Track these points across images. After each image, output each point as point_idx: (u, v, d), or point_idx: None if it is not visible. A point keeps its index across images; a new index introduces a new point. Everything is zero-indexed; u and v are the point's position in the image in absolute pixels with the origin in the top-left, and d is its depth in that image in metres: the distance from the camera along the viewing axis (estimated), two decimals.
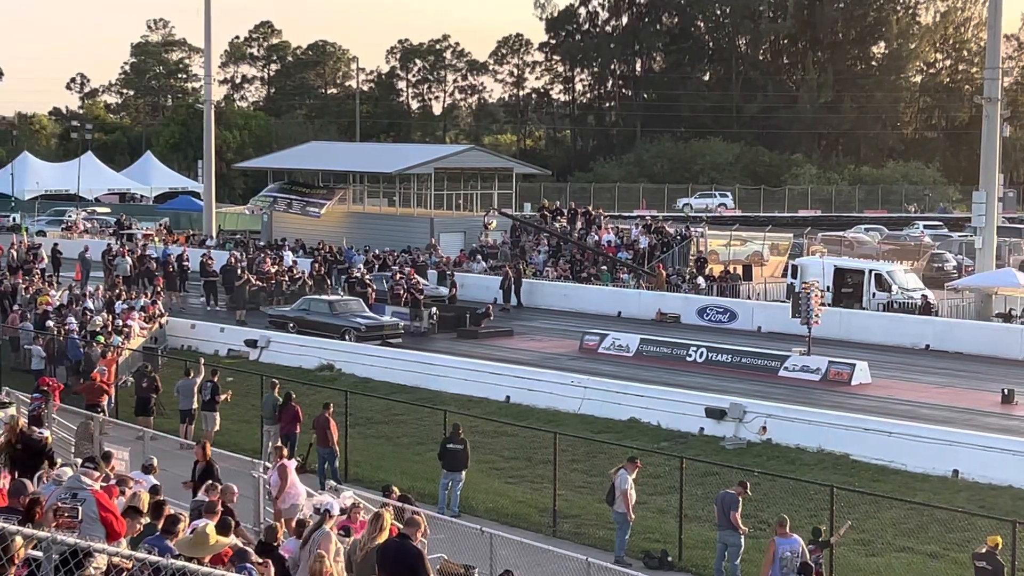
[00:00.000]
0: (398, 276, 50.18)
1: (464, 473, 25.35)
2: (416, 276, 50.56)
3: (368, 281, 49.64)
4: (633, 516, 22.51)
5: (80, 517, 11.07)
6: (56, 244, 60.40)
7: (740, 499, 21.31)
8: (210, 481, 17.03)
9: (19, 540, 8.42)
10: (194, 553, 11.01)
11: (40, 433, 19.20)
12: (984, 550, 18.68)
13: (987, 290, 48.22)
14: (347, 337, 42.35)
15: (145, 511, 13.30)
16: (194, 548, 11.26)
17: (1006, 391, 34.44)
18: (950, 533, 22.99)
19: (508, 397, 35.22)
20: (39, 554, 8.23)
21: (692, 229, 62.09)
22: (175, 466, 23.93)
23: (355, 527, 16.84)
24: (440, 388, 36.17)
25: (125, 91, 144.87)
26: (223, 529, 12.90)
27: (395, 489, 20.60)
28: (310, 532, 15.59)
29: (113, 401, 32.04)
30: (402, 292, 47.61)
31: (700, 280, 53.54)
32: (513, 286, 53.07)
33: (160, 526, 12.71)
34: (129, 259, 54.43)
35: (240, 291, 49.52)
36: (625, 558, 22.33)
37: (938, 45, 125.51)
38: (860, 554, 22.46)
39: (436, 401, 33.21)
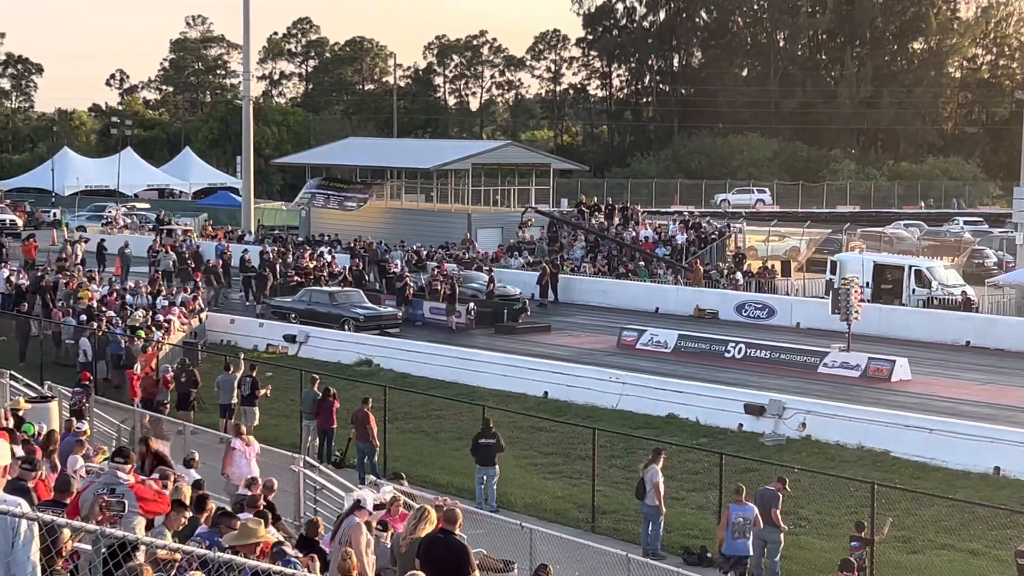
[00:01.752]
0: (436, 272, 50.28)
1: (497, 467, 25.36)
2: (446, 270, 50.56)
3: (407, 276, 49.79)
4: (664, 509, 22.50)
5: (124, 511, 11.14)
6: (102, 240, 60.78)
7: (780, 495, 21.24)
8: (161, 467, 16.54)
9: (67, 533, 8.49)
10: (241, 546, 11.08)
11: (78, 427, 19.42)
12: None
13: None
14: (346, 327, 43.43)
15: (188, 505, 13.37)
16: (240, 542, 11.33)
17: None
18: (992, 531, 22.86)
19: (546, 393, 35.23)
20: (86, 547, 8.30)
21: (731, 225, 61.91)
22: (215, 460, 24.06)
23: (394, 521, 16.87)
24: (478, 383, 36.20)
25: (164, 87, 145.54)
26: (263, 523, 12.97)
27: (403, 475, 20.79)
28: (339, 522, 15.63)
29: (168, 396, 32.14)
30: (439, 287, 47.71)
31: (739, 275, 53.39)
32: (550, 282, 53.04)
33: (205, 519, 12.77)
34: (173, 254, 54.81)
35: (260, 287, 49.98)
36: (660, 550, 22.33)
37: (978, 40, 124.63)
38: (901, 551, 22.35)
39: (474, 396, 33.23)
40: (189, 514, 13.26)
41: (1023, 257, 49.73)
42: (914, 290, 48.43)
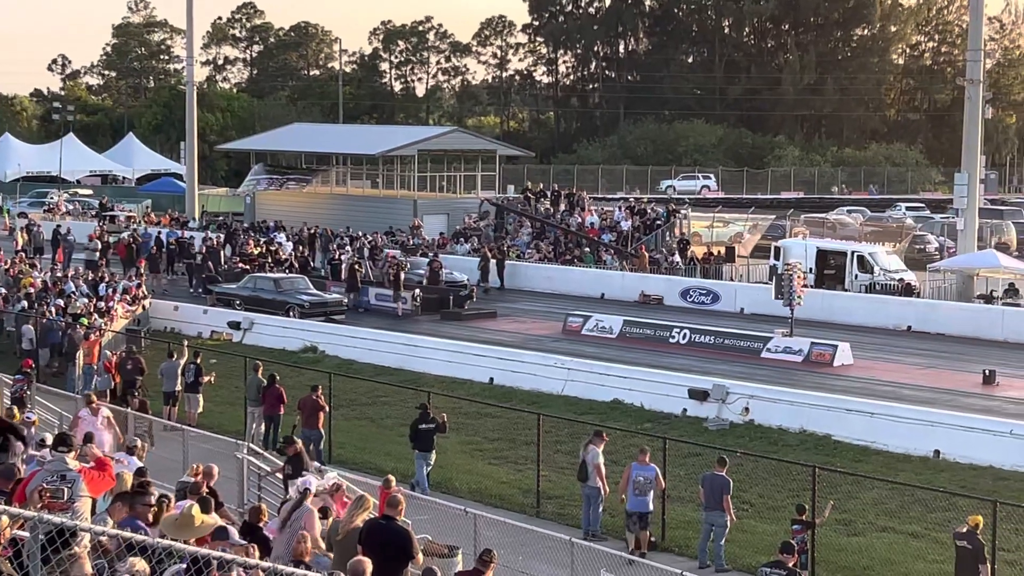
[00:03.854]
0: (389, 257, 50.29)
1: (434, 453, 25.36)
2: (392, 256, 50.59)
3: (356, 262, 49.62)
4: (607, 490, 22.65)
5: (69, 497, 11.09)
6: (59, 226, 59.17)
7: (731, 481, 21.43)
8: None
9: (4, 520, 8.44)
10: (180, 534, 11.04)
11: (27, 417, 19.30)
12: (965, 529, 18.78)
13: (968, 271, 48.42)
14: (291, 314, 43.26)
15: (130, 491, 13.30)
16: (180, 529, 11.29)
17: (987, 372, 34.61)
18: (931, 513, 23.14)
19: (492, 379, 35.28)
20: (25, 534, 8.25)
21: (677, 211, 62.11)
22: (159, 447, 24.01)
23: (337, 507, 16.89)
24: (424, 370, 36.19)
25: (107, 72, 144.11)
26: (205, 509, 12.94)
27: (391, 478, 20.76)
28: (289, 511, 15.64)
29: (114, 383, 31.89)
30: (390, 273, 47.70)
31: (676, 258, 53.81)
32: (497, 268, 53.05)
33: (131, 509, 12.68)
34: (98, 243, 54.16)
35: (197, 273, 49.84)
36: (600, 532, 22.49)
37: (921, 27, 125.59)
38: (842, 534, 22.58)
39: (420, 383, 33.23)
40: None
41: (964, 243, 50.21)
42: (856, 275, 48.85)
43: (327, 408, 27.20)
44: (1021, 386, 34.22)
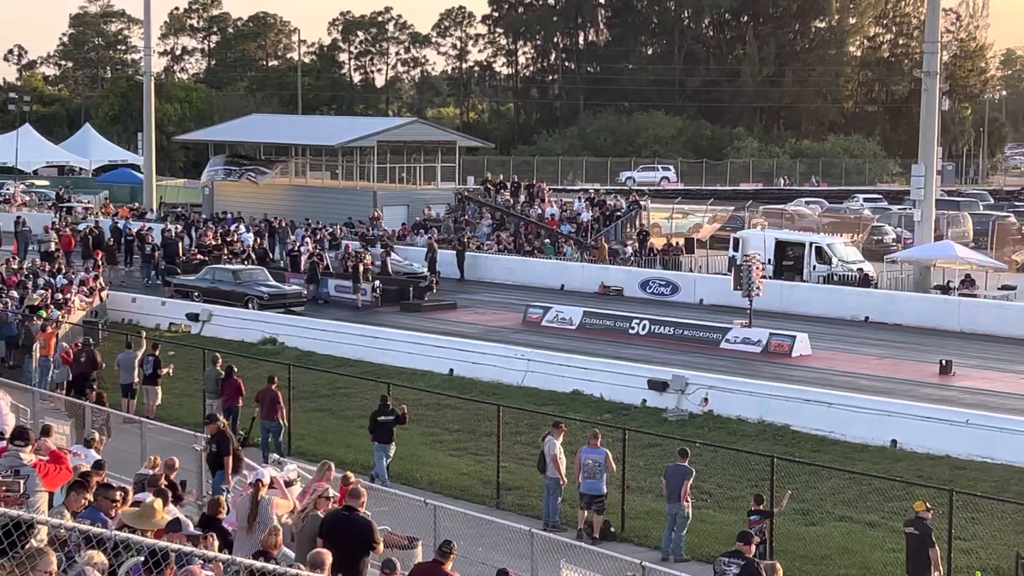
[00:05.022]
0: (349, 249, 50.21)
1: (394, 445, 25.33)
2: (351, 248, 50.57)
3: (315, 254, 49.50)
4: (565, 481, 22.71)
5: (24, 492, 11.03)
6: (19, 218, 58.56)
7: (693, 471, 21.52)
8: None
9: None
10: (141, 526, 11.00)
11: None
12: (913, 517, 18.93)
13: (925, 262, 48.76)
14: (250, 305, 43.11)
15: (88, 486, 13.24)
16: (141, 520, 11.24)
17: (944, 362, 34.88)
18: (888, 502, 23.30)
19: (452, 370, 35.27)
20: None
21: (638, 202, 62.22)
22: (117, 440, 23.88)
23: (299, 500, 16.85)
24: (384, 361, 36.16)
25: (64, 63, 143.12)
26: (164, 501, 12.89)
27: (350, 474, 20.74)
28: (250, 506, 15.58)
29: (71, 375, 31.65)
30: (349, 265, 47.64)
31: (628, 248, 54.08)
32: (456, 259, 53.09)
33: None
34: (54, 234, 53.71)
35: (147, 263, 49.70)
36: (559, 522, 22.55)
37: (879, 19, 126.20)
38: (800, 523, 22.70)
39: (380, 374, 33.19)
40: (90, 496, 13.13)
41: (921, 234, 50.54)
42: (815, 266, 49.09)
43: (281, 397, 27.03)
44: (977, 376, 34.52)
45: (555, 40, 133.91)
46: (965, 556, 20.62)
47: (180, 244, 52.48)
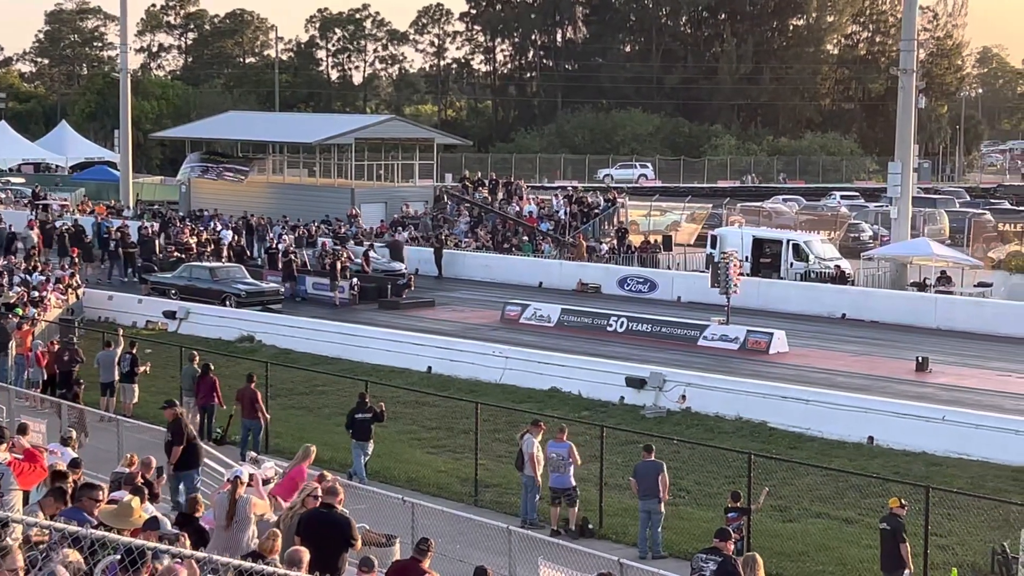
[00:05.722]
0: (326, 246, 50.13)
1: (372, 443, 25.30)
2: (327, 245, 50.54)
3: (292, 252, 49.40)
4: (540, 483, 22.73)
5: None
6: None
7: (664, 465, 21.55)
8: None
9: None
10: (118, 524, 10.96)
11: None
12: (888, 513, 19.00)
13: (902, 259, 48.93)
14: (228, 303, 43.03)
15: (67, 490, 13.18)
16: (118, 519, 11.20)
17: (920, 359, 35.01)
18: (865, 499, 23.36)
19: (430, 367, 35.25)
20: None
21: (616, 199, 62.29)
22: (95, 438, 23.82)
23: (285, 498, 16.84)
24: (362, 359, 36.15)
25: (39, 60, 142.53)
26: (140, 499, 12.85)
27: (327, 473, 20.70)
28: (228, 505, 15.53)
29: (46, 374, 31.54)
30: (328, 262, 47.58)
31: (603, 246, 54.25)
32: (434, 256, 53.12)
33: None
34: (36, 230, 53.52)
35: (114, 260, 49.60)
36: (537, 520, 22.56)
37: (856, 17, 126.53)
38: (777, 520, 22.76)
39: (358, 372, 33.16)
40: (66, 505, 13.07)
41: (897, 231, 50.72)
42: (792, 264, 49.21)
43: (260, 396, 26.98)
44: (954, 373, 34.67)
45: (533, 37, 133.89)
46: (942, 552, 20.71)
47: (156, 241, 52.29)
